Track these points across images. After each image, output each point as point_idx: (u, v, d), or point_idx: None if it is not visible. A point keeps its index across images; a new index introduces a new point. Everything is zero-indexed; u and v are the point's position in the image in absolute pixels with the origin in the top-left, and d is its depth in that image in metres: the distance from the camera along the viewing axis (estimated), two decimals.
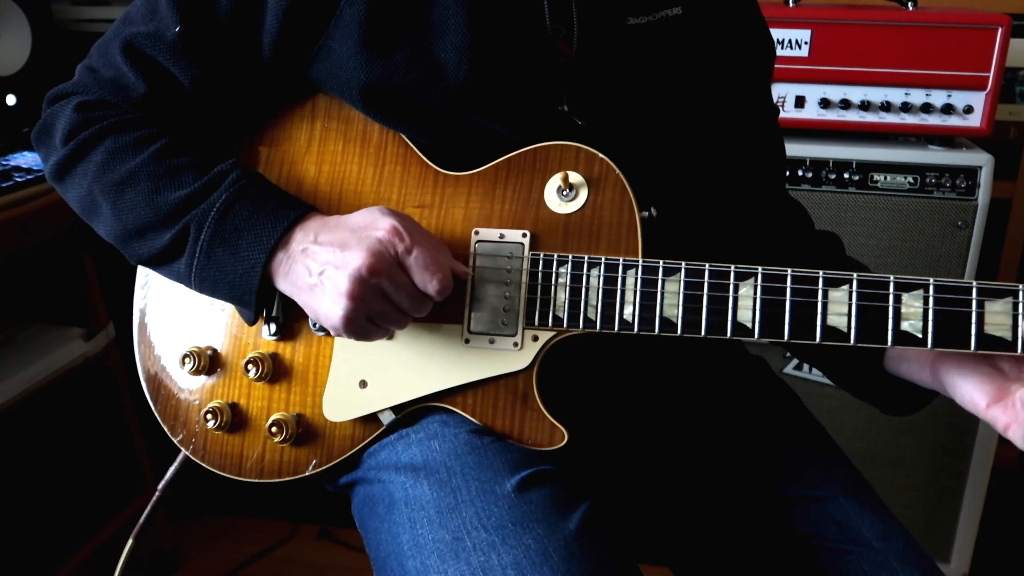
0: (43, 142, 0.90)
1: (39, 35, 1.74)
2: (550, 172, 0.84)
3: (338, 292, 0.75)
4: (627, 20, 0.87)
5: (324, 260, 0.77)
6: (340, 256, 0.76)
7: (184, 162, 0.84)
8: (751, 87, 1.02)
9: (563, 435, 0.83)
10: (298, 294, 0.80)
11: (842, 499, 0.89)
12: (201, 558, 2.00)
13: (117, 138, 0.84)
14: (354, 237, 0.77)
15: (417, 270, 0.77)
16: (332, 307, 0.76)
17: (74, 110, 0.86)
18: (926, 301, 0.75)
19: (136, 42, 0.85)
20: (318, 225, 0.80)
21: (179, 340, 0.92)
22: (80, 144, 0.85)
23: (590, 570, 0.73)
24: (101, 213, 0.85)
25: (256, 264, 0.79)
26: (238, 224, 0.80)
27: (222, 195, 0.81)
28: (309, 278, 0.78)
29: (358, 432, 0.87)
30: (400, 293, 0.77)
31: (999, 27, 1.51)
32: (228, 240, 0.80)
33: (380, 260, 0.75)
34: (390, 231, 0.76)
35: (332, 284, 0.76)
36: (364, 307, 0.76)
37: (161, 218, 0.82)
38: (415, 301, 0.78)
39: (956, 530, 1.77)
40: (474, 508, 0.77)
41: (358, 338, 0.79)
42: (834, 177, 1.63)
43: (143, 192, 0.82)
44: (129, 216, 0.83)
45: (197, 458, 0.91)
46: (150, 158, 0.83)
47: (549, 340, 0.82)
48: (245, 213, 0.81)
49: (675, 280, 0.79)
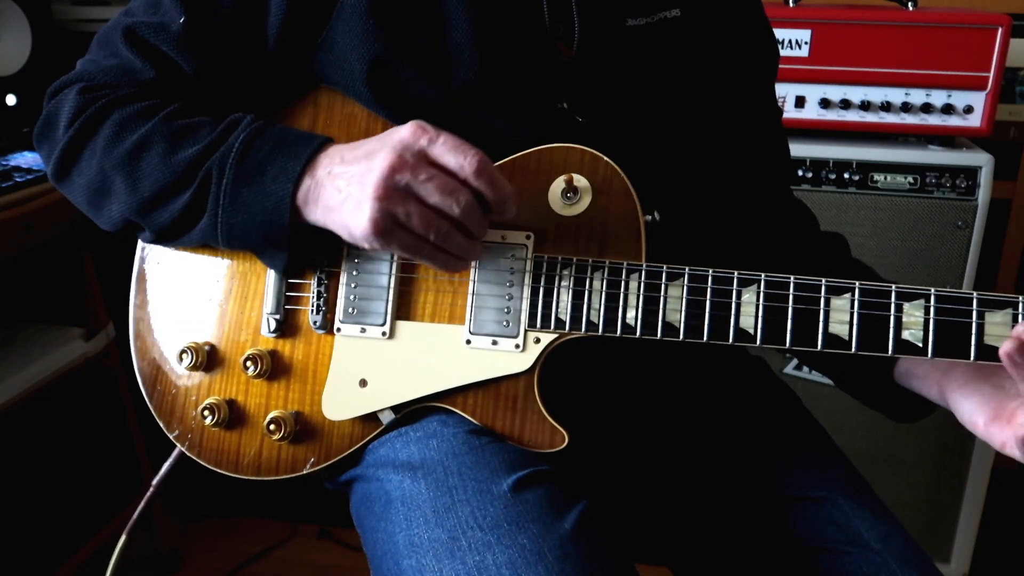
0: (45, 136, 0.88)
1: (39, 35, 1.74)
2: (554, 174, 0.84)
3: (363, 196, 0.73)
4: (626, 21, 0.87)
5: (351, 174, 0.75)
6: (366, 164, 0.74)
7: (196, 121, 0.82)
8: (753, 89, 1.02)
9: (563, 437, 0.83)
10: (329, 216, 0.77)
11: (841, 500, 0.89)
12: (201, 558, 2.00)
13: (123, 110, 0.83)
14: (379, 143, 0.75)
15: (448, 153, 0.73)
16: (358, 214, 0.74)
17: (78, 93, 0.85)
18: (927, 311, 0.75)
19: (139, 30, 0.85)
20: (342, 148, 0.78)
21: (176, 335, 0.91)
22: (84, 123, 0.84)
23: (585, 570, 0.73)
24: (114, 190, 0.83)
25: (284, 196, 0.77)
26: (260, 160, 0.78)
27: (239, 136, 0.80)
28: (338, 195, 0.75)
29: (357, 431, 0.87)
30: (429, 186, 0.73)
31: (999, 27, 1.51)
32: (252, 178, 0.78)
33: (403, 157, 0.72)
34: (413, 129, 0.74)
35: (358, 190, 0.74)
36: (390, 207, 0.73)
37: (179, 176, 0.80)
38: (448, 194, 0.73)
39: (956, 530, 1.77)
40: (470, 507, 0.77)
41: (394, 248, 0.75)
42: (834, 177, 1.63)
43: (158, 154, 0.81)
44: (146, 183, 0.81)
45: (193, 454, 0.91)
46: (161, 121, 0.82)
47: (551, 342, 0.82)
48: (266, 148, 0.79)
49: (678, 285, 0.79)
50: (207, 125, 0.82)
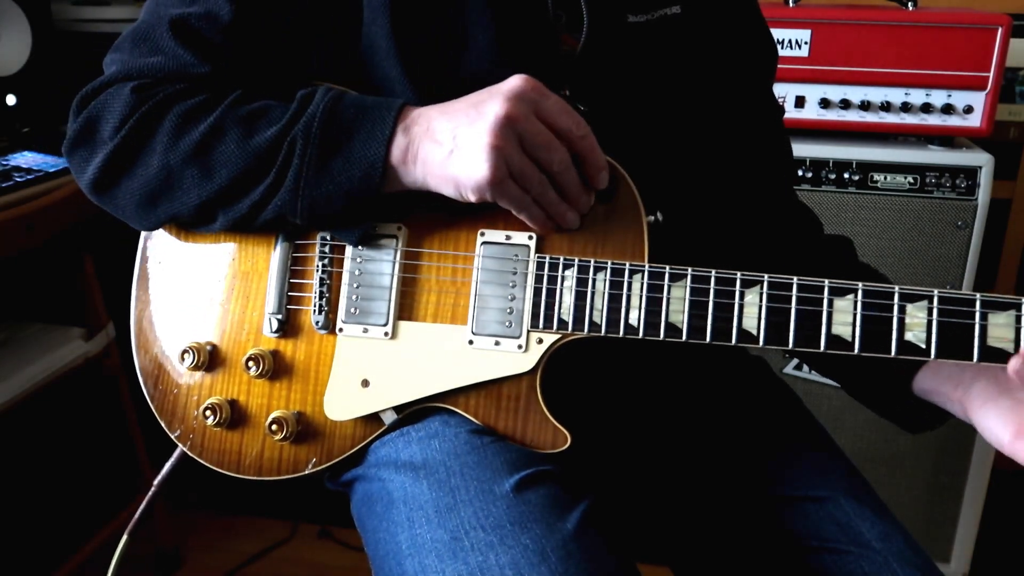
0: (86, 142, 0.81)
1: (39, 35, 1.74)
2: None
3: (478, 144, 0.71)
4: (627, 18, 0.87)
5: (456, 123, 0.73)
6: (475, 112, 0.72)
7: (264, 104, 0.79)
8: (753, 88, 1.02)
9: (566, 438, 0.83)
10: (432, 171, 0.74)
11: (842, 499, 0.89)
12: (201, 557, 2.00)
13: (183, 104, 0.79)
14: (486, 95, 0.73)
15: (562, 113, 0.73)
16: (473, 163, 0.71)
17: (132, 92, 0.79)
18: (930, 312, 0.75)
19: (190, 21, 0.80)
20: (433, 108, 0.75)
21: (178, 335, 0.91)
22: (139, 123, 0.79)
23: (588, 570, 0.73)
24: (182, 186, 0.79)
25: (376, 160, 0.74)
26: (346, 126, 0.75)
27: (319, 105, 0.76)
28: (442, 149, 0.73)
29: (359, 431, 0.87)
30: (538, 140, 0.72)
31: (999, 27, 1.51)
32: (340, 146, 0.75)
33: (518, 106, 0.71)
34: (525, 80, 0.73)
35: (471, 139, 0.71)
36: (509, 157, 0.71)
37: (259, 159, 0.77)
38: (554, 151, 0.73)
39: (956, 530, 1.77)
40: (472, 508, 0.77)
41: (503, 200, 0.75)
42: (834, 177, 1.63)
43: (233, 140, 0.77)
44: (223, 171, 0.77)
45: (195, 454, 0.91)
46: (228, 108, 0.78)
47: (554, 343, 0.82)
48: (350, 113, 0.76)
49: (681, 286, 0.79)
50: (277, 107, 0.79)
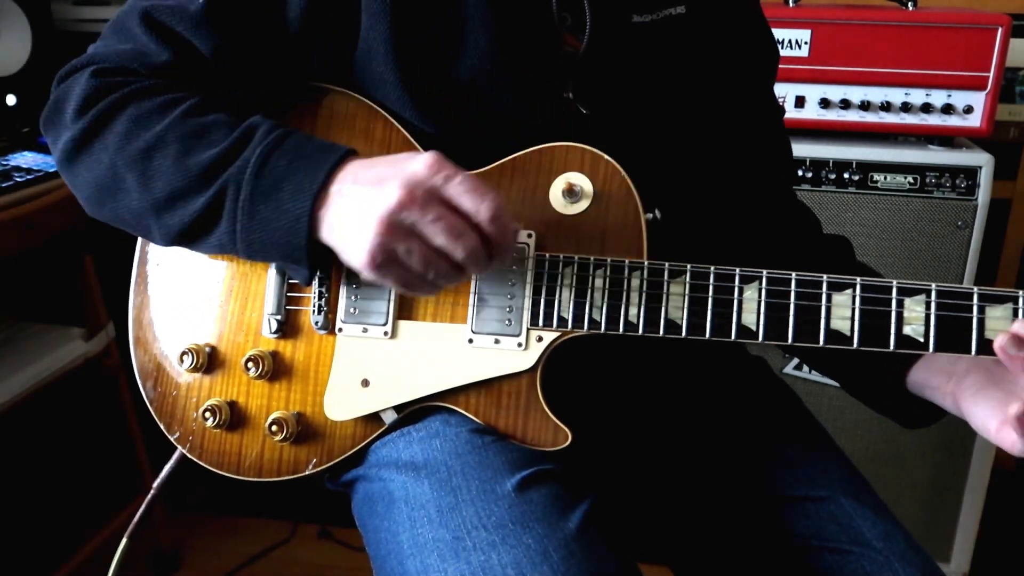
0: (53, 121, 0.85)
1: (39, 35, 1.74)
2: (555, 173, 0.84)
3: (366, 228, 0.71)
4: (632, 17, 0.87)
5: (359, 198, 0.72)
6: (374, 192, 0.71)
7: (212, 120, 0.80)
8: (754, 88, 1.02)
9: (566, 436, 0.83)
10: (331, 235, 0.75)
11: (843, 499, 0.89)
12: (201, 558, 1.99)
13: (140, 104, 0.80)
14: (392, 170, 0.72)
15: (464, 195, 0.71)
16: (357, 243, 0.72)
17: (91, 76, 0.82)
18: (928, 306, 0.76)
19: (155, 12, 0.82)
20: (357, 166, 0.75)
21: (177, 337, 0.91)
22: (99, 116, 0.81)
23: (590, 569, 0.73)
24: (125, 188, 0.81)
25: (302, 214, 0.74)
26: (277, 176, 0.76)
27: (256, 149, 0.77)
28: (343, 218, 0.73)
29: (359, 431, 0.87)
30: (436, 226, 0.70)
31: (999, 27, 1.51)
32: (269, 194, 0.76)
33: (413, 193, 0.70)
34: (430, 163, 0.71)
35: (361, 219, 0.71)
36: (391, 243, 0.71)
37: (192, 181, 0.78)
38: (456, 236, 0.71)
39: (956, 530, 1.77)
40: (474, 507, 0.77)
41: (392, 284, 0.75)
42: (834, 177, 1.63)
43: (171, 155, 0.78)
44: (158, 183, 0.79)
45: (194, 456, 0.91)
46: (177, 120, 0.79)
47: (554, 341, 0.82)
48: (283, 163, 0.76)
49: (680, 282, 0.79)
50: (223, 127, 0.79)
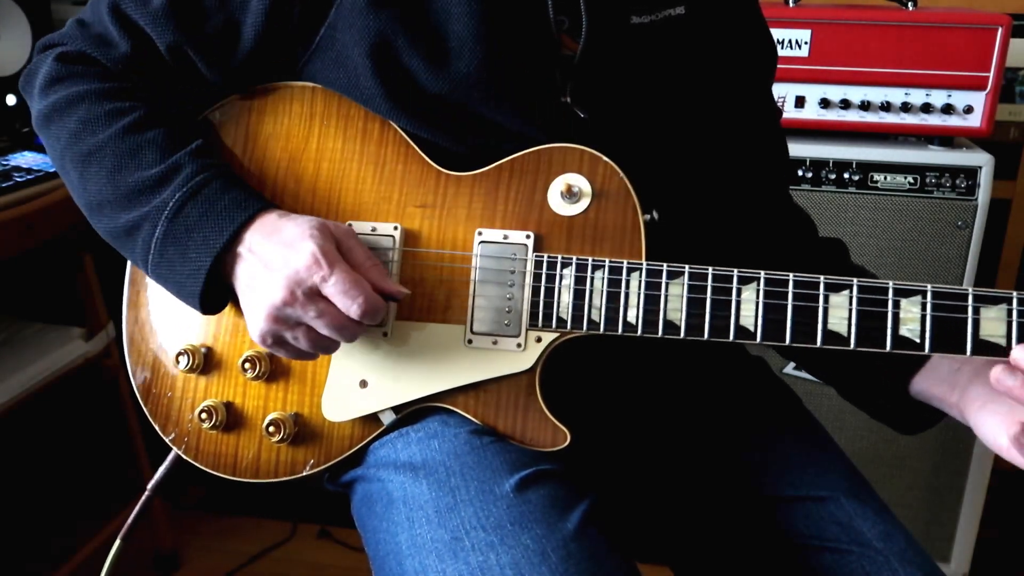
0: (26, 89, 0.92)
1: (39, 35, 1.74)
2: (554, 174, 0.84)
3: (259, 311, 0.78)
4: (630, 19, 0.87)
5: (252, 273, 0.79)
6: (265, 279, 0.78)
7: (149, 138, 0.84)
8: (753, 89, 1.02)
9: (565, 436, 0.83)
10: (240, 298, 0.81)
11: (843, 499, 0.89)
12: (201, 558, 2.00)
13: (91, 108, 0.85)
14: (280, 259, 0.77)
15: (338, 296, 0.76)
16: (252, 323, 0.79)
17: (55, 59, 0.88)
18: (924, 307, 0.76)
19: (123, 4, 0.86)
20: (258, 234, 0.80)
21: (173, 337, 0.91)
22: (57, 104, 0.86)
23: (588, 570, 0.73)
24: (70, 179, 0.88)
25: (202, 267, 0.80)
26: (189, 225, 0.80)
27: (176, 193, 0.81)
28: (245, 289, 0.80)
29: (357, 432, 0.87)
30: (320, 321, 0.77)
31: (999, 27, 1.51)
32: (179, 240, 0.81)
33: (294, 294, 0.76)
34: (309, 263, 0.76)
35: (256, 302, 0.78)
36: (278, 332, 0.78)
37: (119, 198, 0.83)
38: (337, 329, 0.77)
39: (956, 530, 1.77)
40: (473, 508, 0.77)
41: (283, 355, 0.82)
42: (834, 177, 1.63)
43: (106, 168, 0.84)
44: (92, 188, 0.85)
45: (189, 457, 0.91)
46: (117, 134, 0.84)
47: (552, 341, 0.82)
48: (195, 214, 0.81)
49: (679, 283, 0.79)
50: (157, 150, 0.83)
